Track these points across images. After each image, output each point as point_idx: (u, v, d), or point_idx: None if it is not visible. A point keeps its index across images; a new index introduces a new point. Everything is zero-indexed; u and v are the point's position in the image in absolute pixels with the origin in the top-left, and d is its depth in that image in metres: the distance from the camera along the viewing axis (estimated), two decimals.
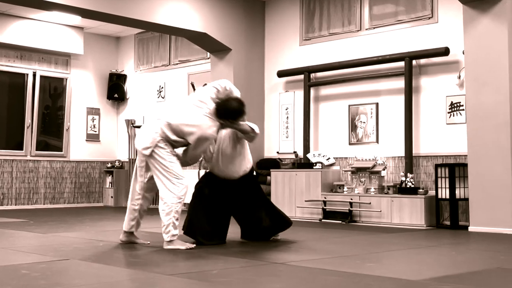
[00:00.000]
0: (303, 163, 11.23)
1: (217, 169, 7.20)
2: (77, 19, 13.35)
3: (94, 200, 15.26)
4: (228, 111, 6.74)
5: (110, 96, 15.44)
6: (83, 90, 15.17)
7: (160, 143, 6.62)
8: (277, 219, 7.43)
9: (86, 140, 15.20)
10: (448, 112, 9.99)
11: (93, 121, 15.30)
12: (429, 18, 10.32)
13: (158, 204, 6.78)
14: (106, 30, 15.01)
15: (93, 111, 15.33)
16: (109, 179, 15.21)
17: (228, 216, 7.26)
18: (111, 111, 15.67)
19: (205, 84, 7.36)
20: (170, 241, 6.58)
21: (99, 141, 15.41)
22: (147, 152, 6.62)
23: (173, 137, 6.65)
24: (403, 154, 10.28)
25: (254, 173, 7.53)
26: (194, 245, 6.69)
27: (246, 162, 7.25)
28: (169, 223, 6.56)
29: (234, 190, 7.18)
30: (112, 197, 15.01)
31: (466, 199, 9.21)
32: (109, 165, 15.28)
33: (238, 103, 6.82)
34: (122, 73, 15.53)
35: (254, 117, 11.61)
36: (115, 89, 15.41)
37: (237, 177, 7.14)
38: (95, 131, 15.32)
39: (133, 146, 15.05)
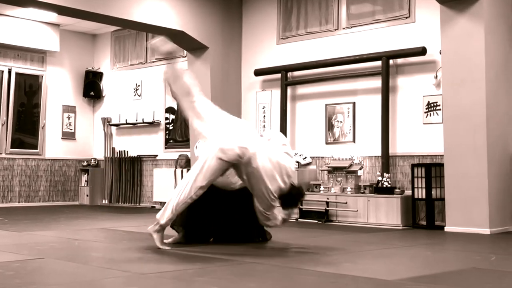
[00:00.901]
0: None
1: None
2: (53, 16, 13.27)
3: (70, 199, 15.17)
4: (290, 205, 6.67)
5: (86, 94, 15.36)
6: (59, 87, 15.07)
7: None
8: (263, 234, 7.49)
9: (62, 138, 15.10)
10: (425, 112, 10.02)
11: (68, 119, 15.21)
12: (407, 17, 10.35)
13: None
14: (82, 27, 14.93)
15: (69, 109, 15.24)
16: (84, 177, 15.13)
17: (220, 219, 7.25)
18: (87, 109, 15.59)
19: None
20: (157, 230, 6.50)
21: (75, 139, 15.32)
22: (222, 155, 6.30)
23: (247, 170, 6.42)
24: (379, 153, 10.29)
25: None
26: (169, 247, 6.65)
27: None
28: (171, 211, 6.53)
29: (229, 198, 7.19)
30: (87, 195, 14.94)
31: (442, 199, 9.23)
32: (84, 163, 15.20)
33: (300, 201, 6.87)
34: (98, 70, 15.46)
35: None
36: (91, 87, 15.33)
37: (235, 188, 7.21)
38: (71, 129, 15.23)
39: (109, 145, 15.00)
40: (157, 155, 14.14)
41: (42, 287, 4.38)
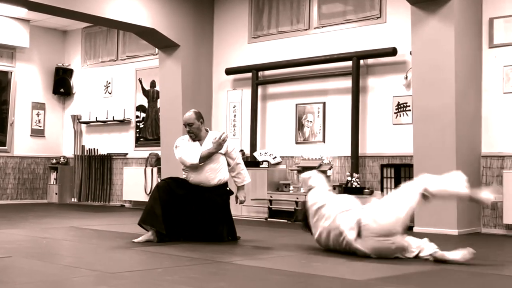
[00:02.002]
0: (249, 162, 11.19)
1: (194, 175, 7.29)
2: (23, 12, 13.14)
3: (38, 197, 15.06)
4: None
5: (56, 91, 15.26)
6: (28, 84, 14.96)
7: None
8: (233, 234, 7.54)
9: (31, 135, 14.99)
10: (395, 113, 10.06)
11: (38, 116, 15.10)
12: (378, 18, 10.39)
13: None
14: (52, 23, 14.83)
15: (38, 106, 15.13)
16: (53, 175, 15.04)
17: (191, 218, 7.26)
18: (57, 106, 15.48)
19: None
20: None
21: (44, 136, 15.21)
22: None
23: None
24: (349, 154, 10.31)
25: (228, 188, 7.54)
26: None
27: (223, 174, 7.45)
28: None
29: (201, 197, 7.24)
30: (56, 193, 14.85)
31: None
32: (54, 161, 15.10)
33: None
34: (69, 67, 15.36)
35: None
36: (61, 84, 15.23)
37: (211, 184, 7.35)
38: (40, 126, 15.12)
39: (79, 142, 14.93)
40: (127, 154, 14.08)
41: (10, 286, 4.34)
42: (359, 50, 10.38)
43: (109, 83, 14.57)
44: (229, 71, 12.02)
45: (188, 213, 7.21)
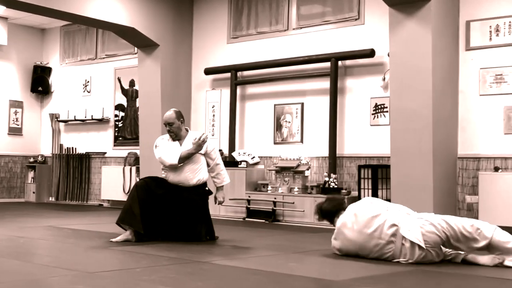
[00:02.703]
0: (228, 162, 11.21)
1: (173, 175, 7.30)
2: (1, 9, 13.09)
3: (15, 196, 14.99)
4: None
5: (34, 89, 15.19)
6: (5, 82, 14.87)
7: None
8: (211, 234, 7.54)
9: (8, 134, 14.91)
10: (372, 114, 10.12)
11: (15, 114, 15.03)
12: (356, 19, 10.44)
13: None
14: (31, 21, 14.76)
15: (16, 104, 15.05)
16: (31, 174, 14.97)
17: (169, 218, 7.27)
18: (35, 105, 15.41)
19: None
20: None
21: (22, 135, 15.13)
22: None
23: None
24: (327, 154, 10.37)
25: (207, 188, 7.55)
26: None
27: (203, 174, 7.45)
28: None
29: (180, 197, 7.26)
30: (34, 192, 14.79)
31: (388, 200, 9.30)
32: (31, 159, 15.03)
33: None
34: (47, 65, 15.29)
35: None
36: (40, 82, 15.17)
37: (190, 184, 7.35)
38: (18, 125, 15.04)
39: (57, 141, 14.88)
40: (105, 153, 14.05)
41: None
42: (337, 51, 10.44)
43: (88, 81, 14.54)
44: (208, 71, 12.04)
45: (167, 213, 7.22)
